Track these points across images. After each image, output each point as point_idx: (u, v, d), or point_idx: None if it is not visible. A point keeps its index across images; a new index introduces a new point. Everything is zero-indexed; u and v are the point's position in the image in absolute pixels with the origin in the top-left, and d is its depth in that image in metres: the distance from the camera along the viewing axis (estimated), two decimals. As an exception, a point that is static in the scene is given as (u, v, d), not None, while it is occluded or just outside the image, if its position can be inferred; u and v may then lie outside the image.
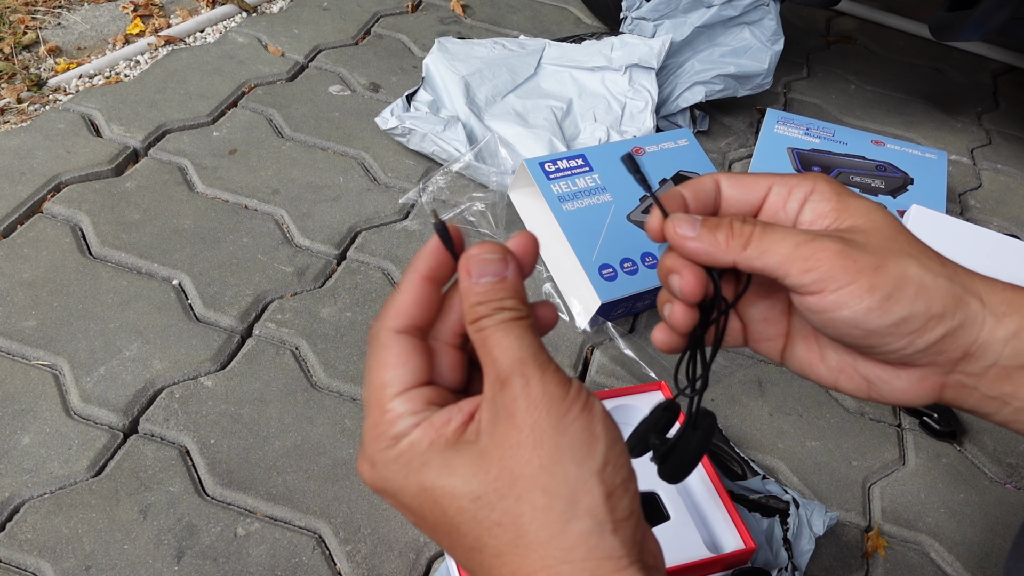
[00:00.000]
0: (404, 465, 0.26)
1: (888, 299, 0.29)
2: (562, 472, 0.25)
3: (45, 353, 0.73)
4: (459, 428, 0.27)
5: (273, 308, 0.80)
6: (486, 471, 0.25)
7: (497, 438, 0.26)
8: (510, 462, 0.25)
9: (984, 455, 0.78)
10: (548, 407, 0.25)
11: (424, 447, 0.26)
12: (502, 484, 0.25)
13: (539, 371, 0.26)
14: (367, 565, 0.62)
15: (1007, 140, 1.27)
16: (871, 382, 0.34)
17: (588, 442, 0.25)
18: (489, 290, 0.27)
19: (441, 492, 0.26)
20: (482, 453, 0.26)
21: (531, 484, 0.25)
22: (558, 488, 0.25)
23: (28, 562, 0.59)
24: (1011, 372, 0.31)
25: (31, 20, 1.16)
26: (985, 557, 0.69)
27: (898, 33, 1.50)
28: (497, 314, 0.26)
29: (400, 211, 0.94)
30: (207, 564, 0.60)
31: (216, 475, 0.66)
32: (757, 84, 1.13)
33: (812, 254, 0.29)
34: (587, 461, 0.25)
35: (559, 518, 0.25)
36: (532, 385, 0.25)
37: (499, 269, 0.27)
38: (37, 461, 0.65)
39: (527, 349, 0.26)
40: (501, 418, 0.26)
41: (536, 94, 1.05)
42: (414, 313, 0.28)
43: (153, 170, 0.93)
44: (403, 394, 0.27)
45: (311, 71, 1.13)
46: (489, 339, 0.26)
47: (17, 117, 0.99)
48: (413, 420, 0.27)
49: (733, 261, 0.31)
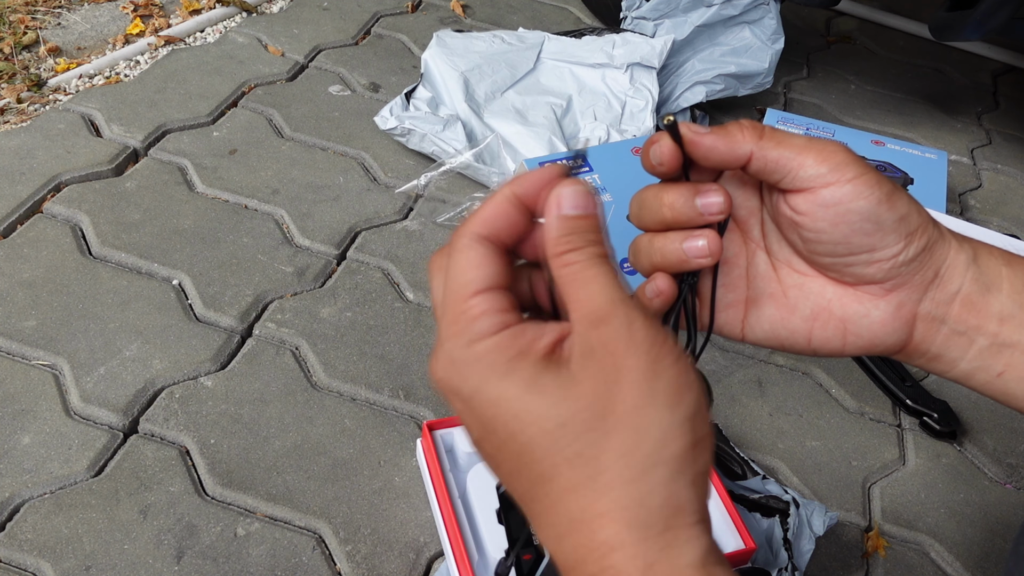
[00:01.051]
0: (487, 366, 0.25)
1: (892, 194, 0.31)
2: (656, 415, 0.24)
3: (45, 353, 0.73)
4: (550, 346, 0.26)
5: (273, 308, 0.80)
6: (576, 399, 0.25)
7: (591, 371, 0.25)
8: (604, 396, 0.25)
9: (984, 455, 0.78)
10: (648, 349, 0.25)
11: (511, 355, 0.25)
12: (592, 416, 0.24)
13: (640, 312, 0.25)
14: (367, 565, 0.62)
15: (1007, 140, 1.27)
16: (847, 323, 0.34)
17: (681, 390, 0.25)
18: (581, 223, 0.26)
19: (523, 409, 0.25)
20: (574, 380, 0.25)
21: (622, 422, 0.24)
22: (648, 430, 0.24)
23: (28, 562, 0.59)
24: (975, 301, 0.33)
25: (31, 20, 1.16)
26: (985, 557, 0.69)
27: (898, 33, 1.50)
28: (589, 247, 0.26)
29: (400, 211, 0.94)
30: (207, 564, 0.60)
31: (216, 475, 0.66)
32: (758, 83, 1.13)
33: (824, 147, 0.31)
34: (679, 408, 0.25)
35: (644, 461, 0.24)
36: (635, 326, 0.25)
37: (590, 203, 0.26)
38: (37, 461, 0.65)
39: (623, 290, 0.26)
40: (597, 354, 0.25)
41: (536, 90, 1.04)
42: (499, 226, 0.27)
43: (153, 170, 0.93)
44: (484, 292, 0.26)
45: (311, 71, 1.13)
46: (579, 276, 0.26)
47: (17, 117, 0.99)
48: (497, 320, 0.26)
49: (749, 152, 0.31)
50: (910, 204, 0.32)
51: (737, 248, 0.36)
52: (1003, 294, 0.33)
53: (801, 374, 0.83)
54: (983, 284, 0.33)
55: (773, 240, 0.35)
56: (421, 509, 0.66)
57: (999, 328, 0.33)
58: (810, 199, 0.31)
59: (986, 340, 0.33)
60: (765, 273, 0.35)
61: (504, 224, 0.27)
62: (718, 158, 0.32)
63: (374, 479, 0.67)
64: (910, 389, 0.81)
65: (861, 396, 0.82)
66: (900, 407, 0.81)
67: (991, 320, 0.33)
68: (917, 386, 0.81)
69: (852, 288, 0.34)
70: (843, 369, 0.84)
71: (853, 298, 0.34)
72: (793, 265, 0.35)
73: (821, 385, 0.82)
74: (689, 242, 0.32)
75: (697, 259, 0.32)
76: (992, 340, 0.33)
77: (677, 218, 0.32)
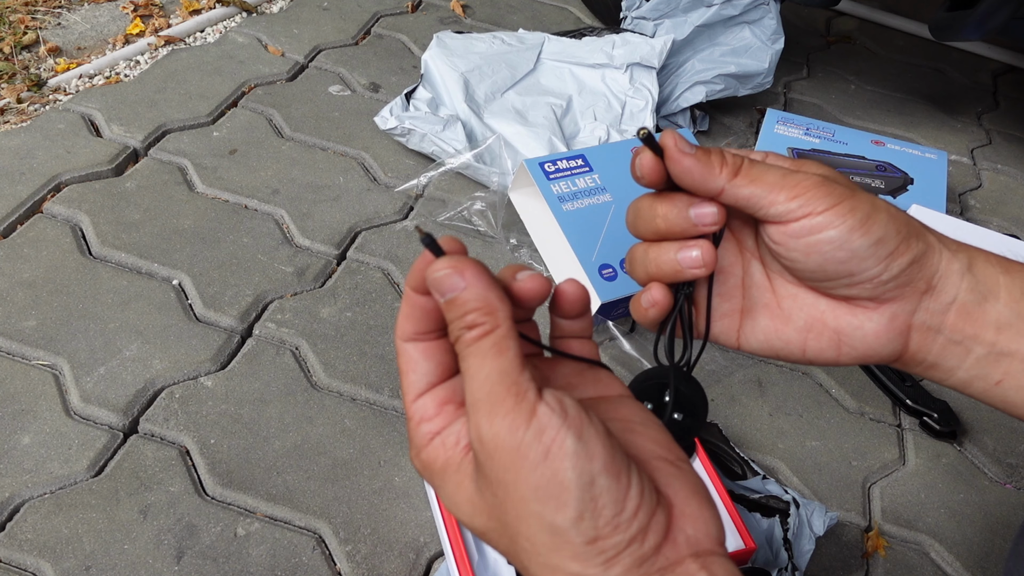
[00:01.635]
0: (429, 475, 0.27)
1: (867, 219, 0.31)
2: (536, 523, 0.24)
3: (45, 353, 0.73)
4: (463, 452, 0.26)
5: (273, 308, 0.80)
6: (480, 512, 0.26)
7: (480, 483, 0.25)
8: (495, 510, 0.25)
9: (984, 455, 0.78)
10: (502, 459, 0.24)
11: (439, 465, 0.27)
12: (496, 524, 0.25)
13: (488, 415, 0.24)
14: (367, 565, 0.62)
15: (1007, 140, 1.27)
16: (841, 335, 0.34)
17: (554, 492, 0.23)
18: (450, 307, 0.25)
19: (457, 510, 0.27)
20: (476, 488, 0.26)
21: (515, 532, 0.25)
22: (536, 537, 0.24)
23: (28, 562, 0.59)
24: (971, 311, 0.32)
25: (31, 20, 1.16)
26: (985, 557, 0.69)
27: (898, 33, 1.50)
28: (463, 333, 0.25)
29: (400, 211, 0.94)
30: (207, 564, 0.60)
31: (216, 475, 0.66)
32: (758, 83, 1.13)
33: (797, 182, 0.31)
34: (558, 513, 0.23)
35: (547, 564, 0.24)
36: (482, 434, 0.24)
37: (453, 284, 0.25)
38: (37, 461, 0.65)
39: (483, 383, 0.24)
40: (478, 458, 0.25)
41: (536, 91, 1.04)
42: (413, 322, 0.27)
43: (153, 170, 0.93)
44: (418, 400, 0.27)
45: (311, 71, 1.13)
46: (462, 362, 0.25)
47: (17, 117, 0.99)
48: (429, 429, 0.27)
49: (721, 188, 0.31)
50: (888, 225, 0.31)
51: (733, 258, 0.36)
52: (1000, 302, 0.32)
53: (801, 374, 0.83)
54: (979, 293, 0.32)
55: (767, 252, 0.35)
56: (421, 509, 0.66)
57: (996, 337, 0.32)
58: (782, 231, 0.32)
59: (983, 349, 0.33)
60: (760, 283, 0.35)
61: (421, 318, 0.27)
62: (691, 183, 0.32)
63: (374, 479, 0.67)
64: (910, 389, 0.81)
65: (861, 396, 0.82)
66: (900, 407, 0.81)
67: (988, 329, 0.32)
68: (917, 386, 0.81)
69: (844, 301, 0.34)
70: (843, 369, 0.84)
71: (846, 310, 0.34)
72: (786, 277, 0.35)
73: (821, 385, 0.82)
74: (683, 252, 0.32)
75: (691, 269, 0.32)
76: (990, 349, 0.32)
77: (671, 228, 0.32)
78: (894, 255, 0.31)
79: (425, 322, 0.27)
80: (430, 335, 0.27)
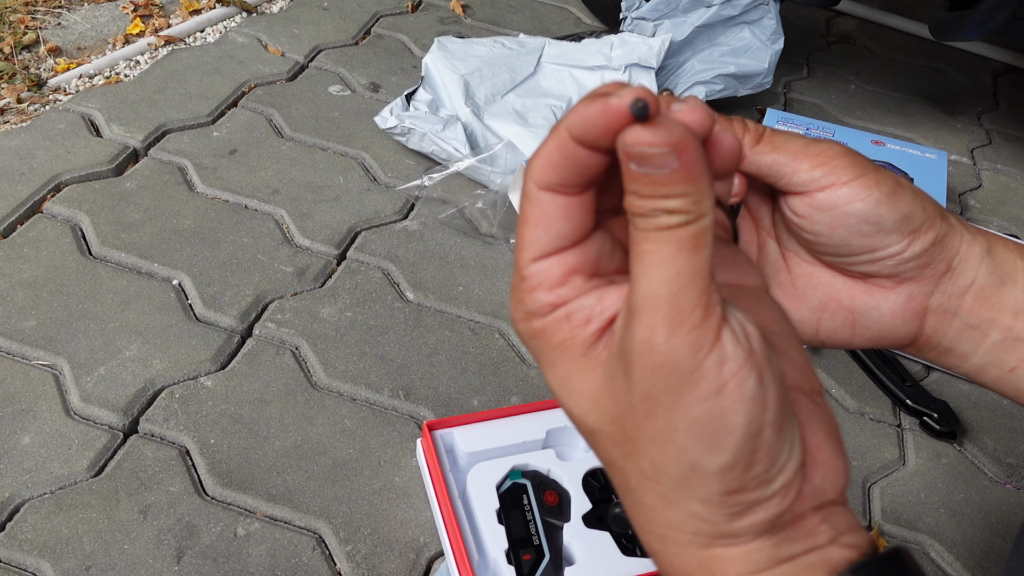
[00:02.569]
0: (536, 348, 0.23)
1: (893, 194, 0.30)
2: (675, 454, 0.21)
3: (45, 353, 0.73)
4: (594, 335, 0.22)
5: (273, 308, 0.80)
6: (602, 411, 0.22)
7: (615, 382, 0.21)
8: (621, 416, 0.21)
9: (984, 455, 0.78)
10: (667, 378, 0.20)
11: (556, 342, 0.22)
12: (615, 431, 0.22)
13: (670, 323, 0.20)
14: (367, 565, 0.62)
15: (1007, 140, 1.27)
16: (856, 314, 0.33)
17: (714, 433, 0.20)
18: (648, 183, 0.20)
19: (565, 403, 0.23)
20: (606, 384, 0.22)
21: (639, 450, 0.21)
22: (666, 467, 0.21)
23: (28, 562, 0.59)
24: (989, 295, 0.32)
25: (31, 20, 1.16)
26: (985, 557, 0.69)
27: (898, 33, 1.50)
28: (653, 217, 0.20)
29: (400, 211, 0.94)
30: (207, 564, 0.60)
31: (216, 475, 0.66)
32: (758, 83, 1.13)
33: (821, 150, 0.30)
34: (708, 455, 0.20)
35: (664, 496, 0.21)
36: (655, 343, 0.20)
37: (665, 163, 0.19)
38: (37, 461, 0.65)
39: (671, 281, 0.20)
40: (620, 361, 0.21)
41: (535, 93, 1.05)
42: (562, 173, 0.21)
43: (153, 170, 0.93)
44: (541, 260, 0.22)
45: (311, 71, 1.13)
46: (636, 247, 0.20)
47: (17, 117, 0.99)
48: (549, 299, 0.22)
49: (744, 155, 0.31)
50: (914, 200, 0.31)
51: (749, 236, 0.35)
52: (1018, 287, 0.32)
53: (801, 374, 0.83)
54: (998, 277, 0.32)
55: (783, 230, 0.34)
56: (421, 509, 0.66)
57: (1013, 322, 0.32)
58: (806, 202, 0.31)
59: (1000, 334, 0.32)
60: (775, 262, 0.35)
61: (575, 170, 0.21)
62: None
63: (374, 479, 0.67)
64: (910, 389, 0.81)
65: (861, 396, 0.82)
66: (900, 407, 0.81)
67: (1005, 313, 0.32)
68: (917, 386, 0.81)
69: (861, 280, 0.33)
70: (843, 369, 0.84)
71: (862, 289, 0.33)
72: (802, 255, 0.34)
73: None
74: None
75: None
76: (1006, 334, 0.32)
77: None
78: (918, 232, 0.31)
79: (578, 176, 0.21)
80: (577, 189, 0.22)
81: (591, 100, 0.20)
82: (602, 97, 0.20)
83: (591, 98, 0.20)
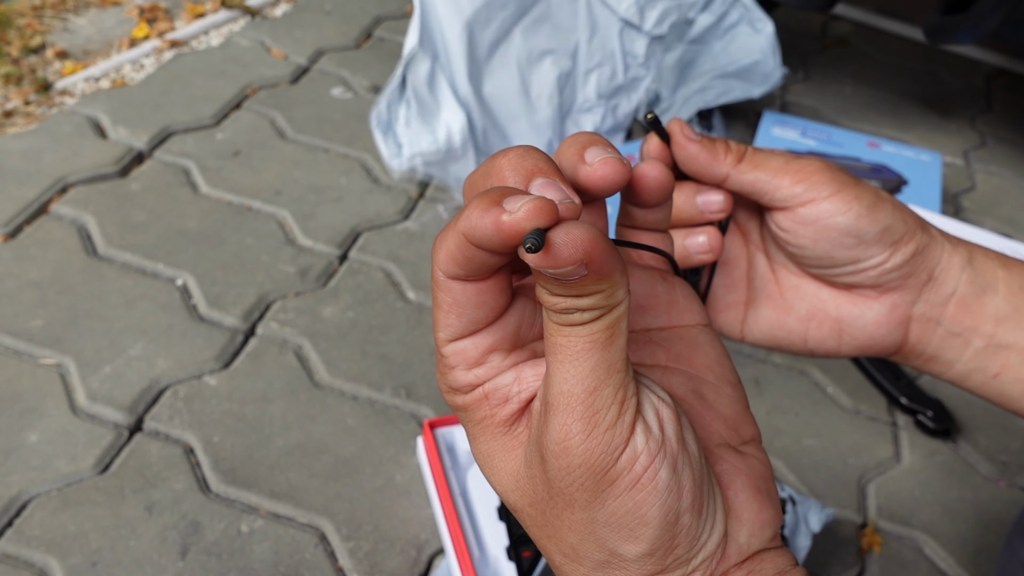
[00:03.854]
0: (463, 418, 0.24)
1: (873, 207, 0.31)
2: (594, 543, 0.21)
3: (52, 352, 0.74)
4: (513, 415, 0.22)
5: (276, 308, 0.81)
6: (522, 493, 0.22)
7: (533, 470, 0.22)
8: (541, 503, 0.22)
9: (978, 453, 0.79)
10: (583, 479, 0.20)
11: (477, 419, 0.23)
12: (536, 514, 0.22)
13: (585, 425, 0.20)
14: (369, 562, 0.63)
15: (1000, 142, 1.28)
16: (842, 324, 0.34)
17: (631, 525, 0.20)
18: (558, 285, 0.19)
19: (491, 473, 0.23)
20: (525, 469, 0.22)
21: (560, 535, 0.22)
22: (587, 553, 0.21)
23: (36, 558, 0.60)
24: (970, 303, 0.33)
25: (38, 24, 1.17)
26: (978, 553, 0.70)
27: (893, 36, 1.52)
28: (566, 314, 0.20)
29: (402, 212, 0.95)
30: (211, 560, 0.61)
31: (220, 473, 0.67)
32: (765, 76, 1.09)
33: (801, 167, 0.32)
34: (627, 544, 0.21)
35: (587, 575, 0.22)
36: (570, 445, 0.20)
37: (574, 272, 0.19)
38: (44, 458, 0.66)
39: (586, 379, 0.20)
40: (537, 453, 0.21)
41: (543, 31, 0.94)
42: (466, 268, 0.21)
43: (158, 172, 0.94)
44: (455, 342, 0.22)
45: (313, 74, 1.14)
46: (550, 338, 0.20)
47: (24, 120, 1.00)
48: (467, 378, 0.22)
49: (726, 174, 0.32)
50: (894, 213, 0.32)
51: (738, 250, 0.36)
52: (999, 296, 0.33)
53: (798, 373, 0.84)
54: (979, 286, 0.33)
55: (771, 244, 0.35)
56: (422, 506, 0.67)
57: (995, 329, 0.33)
58: (790, 217, 0.32)
59: (982, 341, 0.33)
60: (764, 275, 0.36)
61: (480, 267, 0.21)
62: (697, 169, 0.32)
63: (376, 477, 0.68)
64: (905, 388, 0.82)
65: (857, 395, 0.83)
66: (895, 405, 0.82)
67: (987, 321, 0.33)
68: (912, 385, 0.82)
69: (846, 291, 0.34)
70: (839, 368, 0.85)
71: (847, 300, 0.34)
72: (789, 268, 0.35)
73: (817, 384, 0.83)
74: (691, 238, 0.32)
75: (699, 255, 0.32)
76: (988, 341, 0.33)
77: (679, 216, 0.32)
78: (899, 244, 0.32)
79: (482, 269, 0.21)
80: (484, 276, 0.21)
81: (483, 207, 0.19)
82: (494, 207, 0.19)
83: (483, 201, 0.19)
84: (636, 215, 0.26)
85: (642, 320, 0.26)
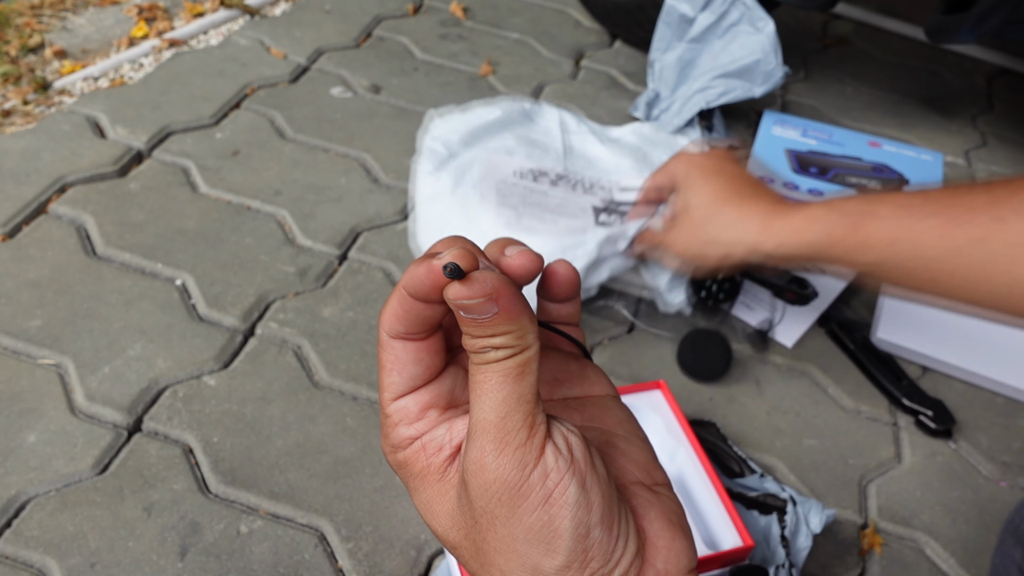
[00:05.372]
0: (404, 475, 0.26)
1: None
2: (517, 561, 0.23)
3: (50, 352, 0.73)
4: (447, 461, 0.25)
5: (275, 308, 0.81)
6: (457, 528, 0.24)
7: (461, 500, 0.24)
8: (471, 531, 0.24)
9: (979, 453, 0.79)
10: (499, 494, 0.22)
11: (416, 470, 0.25)
12: (469, 544, 0.24)
13: (498, 444, 0.22)
14: (369, 562, 0.63)
15: (1001, 142, 1.28)
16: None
17: (547, 538, 0.22)
18: (475, 325, 0.23)
19: (431, 519, 0.26)
20: (456, 502, 0.24)
21: (490, 560, 0.24)
22: (513, 572, 0.23)
23: (34, 559, 0.60)
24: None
25: (37, 23, 1.17)
26: (979, 553, 0.70)
27: (894, 36, 1.51)
28: (483, 353, 0.23)
29: (401, 212, 0.95)
30: (210, 561, 0.61)
31: (219, 473, 0.66)
32: (767, 75, 1.09)
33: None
34: (546, 557, 0.23)
35: None
36: (485, 463, 0.23)
37: (485, 310, 0.22)
38: (43, 459, 0.65)
39: (499, 407, 0.23)
40: (462, 481, 0.24)
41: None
42: (405, 323, 0.25)
43: (157, 171, 0.94)
44: (398, 400, 0.26)
45: (313, 73, 1.14)
46: (472, 378, 0.23)
47: (23, 119, 1.00)
48: (408, 432, 0.25)
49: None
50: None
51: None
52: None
53: (799, 373, 0.84)
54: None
55: None
56: (422, 506, 0.66)
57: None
58: None
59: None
60: None
61: (416, 321, 0.24)
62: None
63: (375, 477, 0.68)
64: (906, 388, 0.82)
65: (857, 395, 0.82)
66: (896, 406, 0.82)
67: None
68: (912, 385, 0.82)
69: None
70: (840, 368, 0.85)
71: None
72: None
73: (818, 384, 0.83)
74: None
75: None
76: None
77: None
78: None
79: (421, 324, 0.25)
80: (423, 334, 0.25)
81: (418, 262, 0.23)
82: (427, 259, 0.23)
83: (422, 259, 0.23)
84: (550, 310, 0.30)
85: (559, 391, 0.29)
